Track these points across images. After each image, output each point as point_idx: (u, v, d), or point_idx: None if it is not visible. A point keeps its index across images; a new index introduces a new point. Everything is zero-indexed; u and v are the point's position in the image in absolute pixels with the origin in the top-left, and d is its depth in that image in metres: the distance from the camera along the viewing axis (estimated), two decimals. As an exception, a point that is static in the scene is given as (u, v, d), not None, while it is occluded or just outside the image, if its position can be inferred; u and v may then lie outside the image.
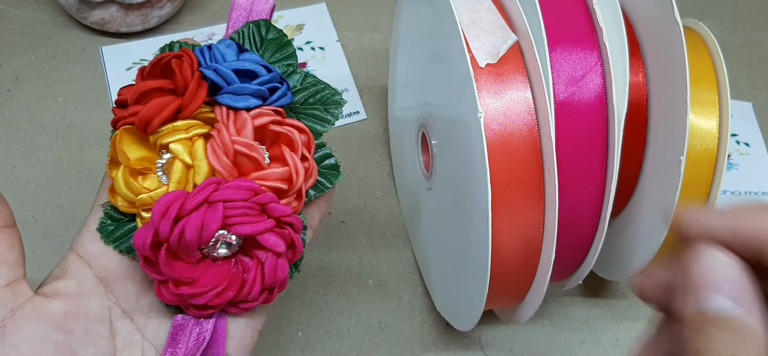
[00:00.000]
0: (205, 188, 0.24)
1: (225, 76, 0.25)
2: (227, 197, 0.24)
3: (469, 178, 0.31)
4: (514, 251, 0.32)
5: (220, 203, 0.24)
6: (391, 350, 0.42)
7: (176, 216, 0.24)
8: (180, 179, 0.25)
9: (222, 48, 0.26)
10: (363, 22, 0.57)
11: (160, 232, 0.24)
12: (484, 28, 0.31)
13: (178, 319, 0.27)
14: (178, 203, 0.24)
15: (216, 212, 0.24)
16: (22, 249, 0.25)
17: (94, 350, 0.25)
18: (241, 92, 0.26)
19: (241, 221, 0.24)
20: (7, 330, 0.24)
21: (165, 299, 0.26)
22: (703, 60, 0.36)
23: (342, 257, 0.45)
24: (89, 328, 0.25)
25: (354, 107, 0.52)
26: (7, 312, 0.24)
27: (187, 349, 0.26)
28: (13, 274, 0.24)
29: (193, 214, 0.24)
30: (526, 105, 0.31)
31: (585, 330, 0.44)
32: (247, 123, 0.25)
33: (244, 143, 0.25)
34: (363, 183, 0.49)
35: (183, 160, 0.25)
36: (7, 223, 0.25)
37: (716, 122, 0.35)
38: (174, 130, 0.25)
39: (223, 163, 0.25)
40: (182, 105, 0.25)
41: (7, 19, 0.54)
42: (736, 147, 0.53)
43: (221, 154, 0.25)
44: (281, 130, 0.26)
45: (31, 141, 0.48)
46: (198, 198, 0.24)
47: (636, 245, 0.36)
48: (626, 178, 0.36)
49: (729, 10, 0.62)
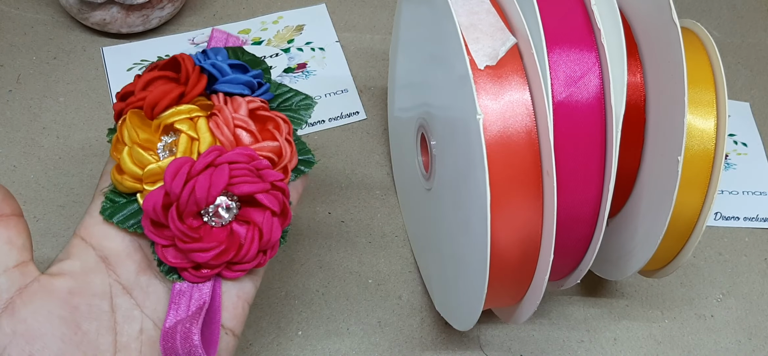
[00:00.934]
0: (210, 152, 0.27)
1: (221, 69, 0.30)
2: (231, 159, 0.27)
3: (468, 179, 0.31)
4: (513, 251, 0.32)
5: (226, 164, 0.27)
6: (391, 349, 0.42)
7: (187, 176, 0.27)
8: (185, 150, 0.28)
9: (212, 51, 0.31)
10: (363, 22, 0.57)
11: (172, 191, 0.27)
12: (484, 31, 0.32)
13: (178, 286, 0.29)
14: (188, 165, 0.27)
15: (222, 173, 0.27)
16: (29, 235, 0.27)
17: (97, 324, 0.27)
18: (235, 82, 0.30)
19: (243, 181, 0.27)
20: (16, 306, 0.26)
21: (168, 261, 0.28)
22: (701, 60, 0.36)
23: (342, 257, 0.45)
24: (92, 304, 0.27)
25: (354, 107, 0.52)
26: (15, 290, 0.26)
27: (189, 311, 0.28)
28: (21, 256, 0.27)
29: (202, 174, 0.27)
30: (525, 107, 0.31)
31: (583, 329, 0.44)
32: (243, 105, 0.29)
33: (242, 119, 0.29)
34: (363, 183, 0.49)
35: (188, 134, 0.28)
36: (14, 212, 0.27)
37: (714, 122, 0.35)
38: (177, 112, 0.28)
39: (226, 134, 0.28)
40: (185, 91, 0.28)
41: (9, 20, 0.54)
42: (733, 147, 0.53)
43: (223, 127, 0.28)
44: (269, 115, 0.30)
45: (33, 141, 0.48)
46: (206, 160, 0.27)
47: (634, 245, 0.36)
48: (624, 178, 0.36)
49: (727, 11, 0.63)
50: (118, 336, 0.28)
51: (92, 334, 0.27)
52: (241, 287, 0.30)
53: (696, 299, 0.46)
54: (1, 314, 0.26)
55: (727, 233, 0.49)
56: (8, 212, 0.27)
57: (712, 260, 0.48)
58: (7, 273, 0.26)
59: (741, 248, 0.48)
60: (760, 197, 0.51)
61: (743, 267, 0.48)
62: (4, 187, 0.27)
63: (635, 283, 0.46)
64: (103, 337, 0.27)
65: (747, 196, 0.51)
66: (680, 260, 0.37)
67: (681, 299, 0.46)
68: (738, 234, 0.49)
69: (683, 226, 0.36)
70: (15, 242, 0.26)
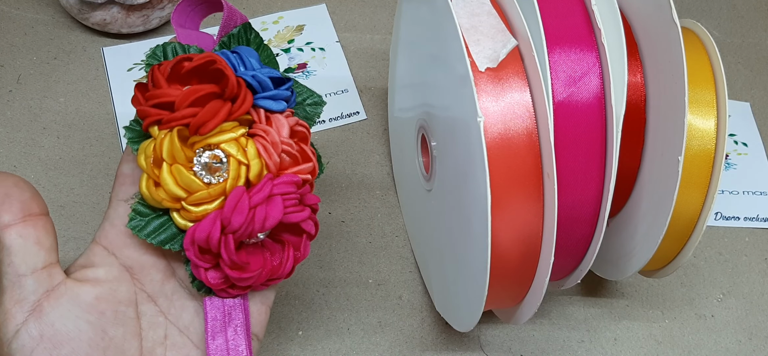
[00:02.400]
0: (265, 184, 0.27)
1: (262, 83, 0.28)
2: (284, 191, 0.28)
3: (468, 180, 0.31)
4: (513, 253, 0.32)
5: (279, 197, 0.27)
6: (391, 349, 0.42)
7: (249, 208, 0.27)
8: (235, 175, 0.27)
9: (248, 52, 0.29)
10: (363, 22, 0.57)
11: (232, 224, 0.27)
12: (485, 33, 0.32)
13: (209, 301, 0.29)
14: (247, 198, 0.27)
15: (278, 206, 0.27)
16: (55, 236, 0.27)
17: (123, 330, 0.27)
18: (276, 97, 0.29)
19: (293, 211, 0.28)
20: (44, 309, 0.26)
21: (209, 283, 0.28)
22: (701, 60, 0.36)
23: (342, 257, 0.45)
24: (118, 310, 0.28)
25: (354, 108, 0.52)
26: (43, 292, 0.26)
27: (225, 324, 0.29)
28: (49, 258, 0.26)
29: (259, 207, 0.27)
30: (526, 108, 0.31)
31: (584, 329, 0.44)
32: (285, 125, 0.29)
33: (288, 143, 0.28)
34: (363, 183, 0.49)
35: (238, 159, 0.27)
36: (42, 211, 0.27)
37: (714, 121, 0.35)
38: (222, 131, 0.27)
39: (274, 161, 0.28)
40: (232, 109, 0.27)
41: (9, 20, 0.54)
42: (734, 147, 0.53)
43: (273, 153, 0.28)
44: (302, 130, 0.30)
45: (33, 141, 0.48)
46: (263, 193, 0.27)
47: (634, 245, 0.36)
48: (624, 178, 0.36)
49: (727, 11, 0.63)
50: (143, 342, 0.28)
51: (118, 339, 0.27)
52: (265, 295, 0.31)
53: (696, 299, 0.46)
54: (29, 317, 0.25)
55: (727, 233, 0.49)
56: (37, 211, 0.26)
57: (712, 260, 0.48)
58: (35, 274, 0.26)
59: (741, 248, 0.48)
60: (761, 197, 0.51)
61: (743, 266, 0.48)
62: (33, 186, 0.27)
63: (635, 283, 0.46)
64: (129, 342, 0.28)
65: (747, 196, 0.51)
66: (680, 260, 0.37)
67: (681, 299, 0.46)
68: (738, 234, 0.49)
69: (683, 226, 0.36)
70: (43, 244, 0.26)
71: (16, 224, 0.26)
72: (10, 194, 0.26)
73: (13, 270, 0.25)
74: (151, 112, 0.27)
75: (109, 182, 0.46)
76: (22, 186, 0.26)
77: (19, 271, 0.25)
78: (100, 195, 0.46)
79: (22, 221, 0.26)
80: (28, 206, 0.26)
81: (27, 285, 0.26)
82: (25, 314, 0.25)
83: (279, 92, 0.29)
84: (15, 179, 0.26)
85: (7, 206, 0.25)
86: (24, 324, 0.25)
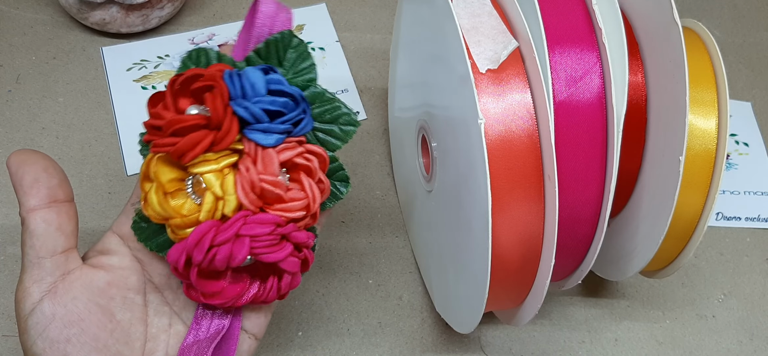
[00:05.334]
0: (234, 223, 0.27)
1: (255, 116, 0.27)
2: (254, 232, 0.27)
3: (469, 182, 0.31)
4: (514, 255, 0.32)
5: (248, 238, 0.27)
6: (391, 350, 0.42)
7: (209, 246, 0.27)
8: (210, 209, 0.27)
9: (251, 77, 0.28)
10: (363, 22, 0.57)
11: (194, 258, 0.27)
12: (485, 33, 0.31)
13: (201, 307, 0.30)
14: (210, 235, 0.27)
15: (243, 245, 0.27)
16: (77, 222, 0.29)
17: (130, 315, 0.29)
18: (269, 130, 0.28)
19: (265, 252, 0.28)
20: (58, 290, 0.27)
21: (191, 297, 0.29)
22: (702, 60, 0.36)
23: (342, 257, 0.45)
24: (127, 297, 0.29)
25: (354, 108, 0.52)
26: (59, 275, 0.28)
27: (208, 332, 0.30)
28: (68, 243, 0.28)
29: (223, 246, 0.27)
30: (526, 109, 0.31)
31: (584, 330, 0.44)
32: (274, 160, 0.28)
33: (270, 181, 0.27)
34: (363, 183, 0.49)
35: (214, 192, 0.27)
36: (67, 198, 0.28)
37: (715, 121, 0.35)
38: (205, 160, 0.27)
39: (251, 198, 0.27)
40: (215, 140, 0.27)
41: (8, 20, 0.54)
42: (735, 147, 0.53)
43: (249, 190, 0.27)
44: (302, 163, 0.29)
45: (32, 141, 0.48)
46: (228, 233, 0.27)
47: (635, 245, 0.36)
48: (625, 178, 0.36)
49: (728, 10, 0.62)
50: (148, 328, 0.30)
51: (125, 323, 0.29)
52: None
53: (697, 299, 0.46)
54: (45, 296, 0.27)
55: (728, 234, 0.49)
56: (62, 198, 0.28)
57: (713, 261, 0.48)
58: (54, 257, 0.27)
59: (742, 248, 0.48)
60: (762, 197, 0.51)
61: (745, 267, 0.47)
62: (63, 171, 0.28)
63: (636, 283, 0.46)
64: (135, 327, 0.29)
65: (748, 196, 0.51)
66: (681, 260, 0.37)
67: (682, 299, 0.46)
68: (739, 234, 0.49)
69: (684, 226, 0.35)
70: (65, 229, 0.28)
71: (41, 209, 0.27)
72: (38, 179, 0.27)
73: (35, 252, 0.27)
74: (148, 130, 0.28)
75: (108, 182, 0.46)
76: (52, 171, 0.28)
77: (40, 254, 0.27)
78: (99, 195, 0.46)
79: (47, 206, 0.27)
80: (54, 192, 0.28)
81: (46, 266, 0.27)
82: (42, 293, 0.27)
83: (271, 126, 0.28)
84: (45, 163, 0.28)
85: (36, 190, 0.27)
86: (39, 303, 0.27)
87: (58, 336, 0.27)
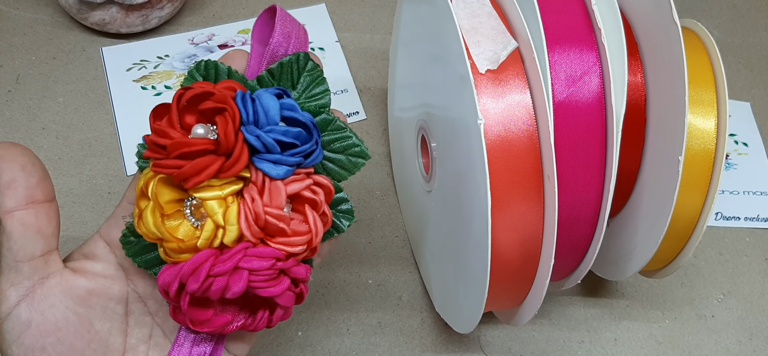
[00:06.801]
0: (234, 255, 0.26)
1: (267, 146, 0.26)
2: (253, 266, 0.26)
3: (468, 182, 0.31)
4: (514, 255, 0.32)
5: (246, 272, 0.26)
6: (391, 350, 0.42)
7: (205, 276, 0.26)
8: (209, 236, 0.26)
9: (265, 103, 0.26)
10: (362, 22, 0.57)
11: (188, 286, 0.26)
12: (485, 34, 0.31)
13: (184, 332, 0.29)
14: (208, 264, 0.26)
15: (241, 278, 0.26)
16: (58, 222, 0.27)
17: (110, 325, 0.28)
18: (279, 162, 0.27)
19: (262, 286, 0.26)
20: (36, 296, 0.26)
21: (177, 320, 0.28)
22: (702, 60, 0.36)
23: (342, 257, 0.45)
24: (108, 306, 0.28)
25: (354, 107, 0.52)
26: (37, 279, 0.26)
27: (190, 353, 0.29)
28: (47, 246, 0.27)
29: (220, 277, 0.26)
30: (526, 110, 0.31)
31: (584, 330, 0.44)
32: (282, 193, 0.26)
33: (275, 215, 0.26)
34: (363, 183, 0.49)
35: (216, 221, 0.26)
36: (47, 197, 0.27)
37: (714, 121, 0.35)
38: (209, 186, 0.26)
39: (253, 231, 0.26)
40: (223, 167, 0.26)
41: (8, 20, 0.54)
42: (734, 147, 0.53)
43: (252, 222, 0.26)
44: (309, 195, 0.27)
45: (32, 141, 0.48)
46: (227, 266, 0.26)
47: (635, 245, 0.36)
48: (625, 178, 0.36)
49: (727, 11, 0.62)
50: (128, 338, 0.29)
51: (104, 333, 0.28)
52: None
53: (697, 299, 0.46)
54: (22, 301, 0.26)
55: (727, 234, 0.49)
56: (41, 198, 0.26)
57: (712, 261, 0.48)
58: (32, 261, 0.26)
59: (742, 248, 0.48)
60: (761, 197, 0.51)
61: (744, 267, 0.48)
62: (44, 167, 0.27)
63: (636, 283, 0.46)
64: (114, 337, 0.28)
65: (748, 196, 0.51)
66: (681, 260, 0.37)
67: (682, 299, 0.46)
68: (739, 234, 0.49)
69: (684, 226, 0.35)
70: (44, 232, 0.26)
71: (18, 210, 0.26)
72: (16, 179, 0.26)
73: (12, 255, 0.26)
74: (150, 146, 0.26)
75: (107, 182, 0.46)
76: (30, 170, 0.26)
77: (17, 257, 0.26)
78: (98, 195, 0.46)
79: (24, 208, 0.26)
80: (32, 193, 0.26)
81: (23, 270, 0.26)
82: (19, 297, 0.26)
83: (282, 158, 0.26)
84: (24, 160, 0.26)
85: (12, 191, 0.25)
86: (16, 307, 0.26)
87: (34, 344, 0.26)
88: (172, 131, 0.26)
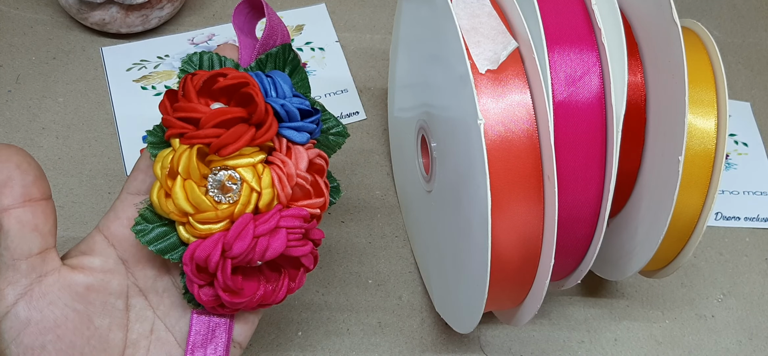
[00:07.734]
0: (273, 216, 0.28)
1: (290, 113, 0.28)
2: (290, 225, 0.28)
3: (468, 183, 0.31)
4: (514, 255, 0.32)
5: (284, 229, 0.28)
6: (391, 350, 0.42)
7: (252, 236, 0.27)
8: (246, 201, 0.27)
9: (279, 80, 0.29)
10: (362, 22, 0.57)
11: (234, 251, 0.27)
12: (485, 34, 0.31)
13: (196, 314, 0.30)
14: (251, 226, 0.27)
15: (281, 239, 0.28)
16: (55, 220, 0.27)
17: (109, 320, 0.28)
18: (301, 129, 0.29)
19: (295, 245, 0.28)
20: (34, 294, 0.26)
21: (202, 300, 0.29)
22: (702, 60, 0.36)
23: (342, 257, 0.45)
24: (107, 302, 0.28)
25: (353, 107, 0.52)
26: (35, 277, 0.26)
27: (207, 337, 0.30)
28: (45, 243, 0.27)
29: (262, 238, 0.27)
30: (526, 109, 0.31)
31: (584, 330, 0.44)
32: (304, 157, 0.29)
33: (304, 177, 0.28)
34: (363, 183, 0.49)
35: (252, 186, 0.28)
36: (43, 195, 0.27)
37: (714, 121, 0.35)
38: (241, 155, 0.28)
39: (287, 193, 0.28)
40: (256, 135, 0.27)
41: (8, 20, 0.54)
42: (734, 147, 0.53)
43: (286, 185, 0.28)
44: (319, 162, 0.30)
45: (32, 141, 0.48)
46: (270, 224, 0.27)
47: (635, 245, 0.36)
48: (625, 178, 0.36)
49: (727, 11, 0.62)
50: (129, 334, 0.29)
51: (104, 329, 0.28)
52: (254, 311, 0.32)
53: (697, 299, 0.46)
54: (20, 299, 0.26)
55: (727, 234, 0.49)
56: (38, 196, 0.26)
57: (712, 261, 0.48)
58: (29, 259, 0.26)
59: (742, 248, 0.48)
60: (761, 197, 0.51)
61: (744, 267, 0.48)
62: (39, 166, 0.27)
63: (636, 283, 0.46)
64: (114, 333, 0.28)
65: (748, 196, 0.51)
66: (681, 260, 0.37)
67: (682, 299, 0.46)
68: (739, 234, 0.49)
69: (684, 226, 0.35)
70: (41, 229, 0.26)
71: (15, 208, 0.26)
72: (12, 177, 0.26)
73: (9, 253, 0.26)
74: (176, 123, 0.27)
75: (107, 182, 0.46)
76: (26, 168, 0.26)
77: (14, 255, 0.26)
78: (99, 195, 0.46)
79: (21, 206, 0.26)
80: (29, 191, 0.26)
81: (21, 268, 0.26)
82: (17, 296, 0.26)
83: (304, 125, 0.29)
84: (19, 159, 0.26)
85: (9, 189, 0.25)
86: (14, 306, 0.26)
87: (33, 342, 0.26)
88: (201, 106, 0.27)
